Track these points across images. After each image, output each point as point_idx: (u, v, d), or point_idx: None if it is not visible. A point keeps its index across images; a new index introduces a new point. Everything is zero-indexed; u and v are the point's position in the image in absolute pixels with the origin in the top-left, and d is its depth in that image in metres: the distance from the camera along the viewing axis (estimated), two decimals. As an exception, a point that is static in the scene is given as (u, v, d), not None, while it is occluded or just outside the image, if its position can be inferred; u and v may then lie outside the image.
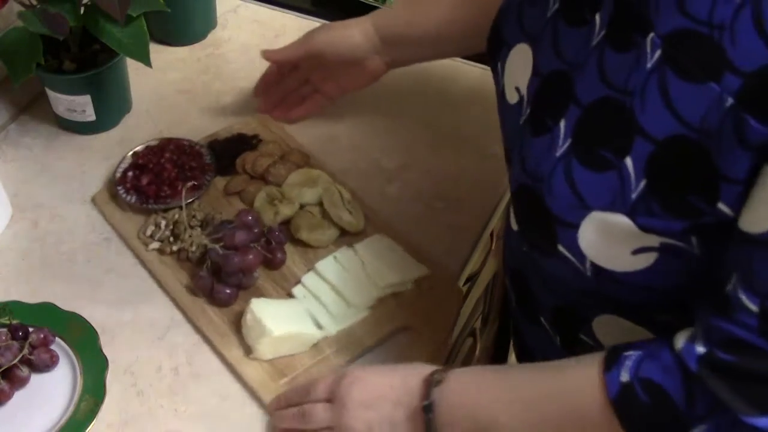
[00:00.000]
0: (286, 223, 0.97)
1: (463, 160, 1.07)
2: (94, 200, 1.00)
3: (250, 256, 0.88)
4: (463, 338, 1.06)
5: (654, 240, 0.60)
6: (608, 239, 0.62)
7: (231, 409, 0.82)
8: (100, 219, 0.99)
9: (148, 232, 0.94)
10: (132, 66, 1.07)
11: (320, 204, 0.98)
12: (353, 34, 1.00)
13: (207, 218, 0.95)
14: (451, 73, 1.17)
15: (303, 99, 1.07)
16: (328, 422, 0.76)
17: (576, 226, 0.63)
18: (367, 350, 0.87)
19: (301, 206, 0.98)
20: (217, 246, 0.88)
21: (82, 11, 0.98)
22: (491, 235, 1.05)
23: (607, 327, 0.71)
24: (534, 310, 0.81)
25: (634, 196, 0.59)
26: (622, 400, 0.60)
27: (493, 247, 1.09)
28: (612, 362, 0.62)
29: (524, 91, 0.72)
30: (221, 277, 0.88)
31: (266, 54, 1.05)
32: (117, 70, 1.07)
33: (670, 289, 0.63)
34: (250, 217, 0.92)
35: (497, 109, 0.79)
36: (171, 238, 0.93)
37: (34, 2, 0.96)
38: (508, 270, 0.86)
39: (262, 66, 1.18)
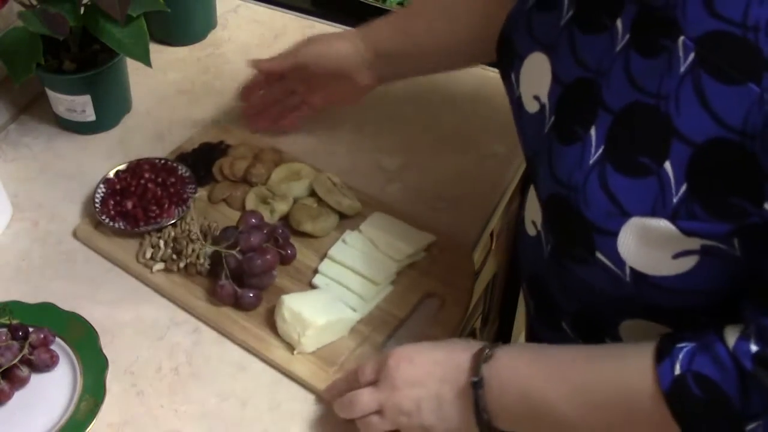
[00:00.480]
0: (284, 219, 0.97)
1: (463, 160, 1.06)
2: (75, 234, 0.97)
3: (269, 256, 0.88)
4: (464, 338, 1.06)
5: (695, 243, 0.60)
6: (649, 245, 0.62)
7: (231, 409, 0.82)
8: (100, 219, 0.99)
9: (148, 255, 0.92)
10: (132, 66, 1.07)
11: (311, 194, 0.99)
12: (342, 47, 0.99)
13: (203, 229, 0.94)
14: (451, 73, 1.17)
15: (288, 110, 1.07)
16: (376, 405, 0.75)
17: (615, 234, 0.63)
18: (401, 323, 0.89)
19: (294, 200, 0.98)
20: (234, 252, 0.88)
21: (82, 11, 0.98)
22: (491, 235, 1.05)
23: (635, 331, 0.71)
24: (555, 316, 0.80)
25: (675, 200, 0.59)
26: (674, 393, 0.60)
27: (493, 247, 1.09)
28: (664, 353, 0.62)
29: (545, 99, 0.71)
30: (243, 282, 0.88)
31: (253, 63, 1.05)
32: (117, 70, 1.07)
33: (709, 291, 0.63)
34: (253, 219, 0.92)
35: (513, 118, 0.79)
36: (174, 256, 0.92)
37: (34, 2, 0.96)
38: (524, 277, 0.85)
39: (262, 66, 1.19)
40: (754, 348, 0.58)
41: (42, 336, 0.83)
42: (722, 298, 0.63)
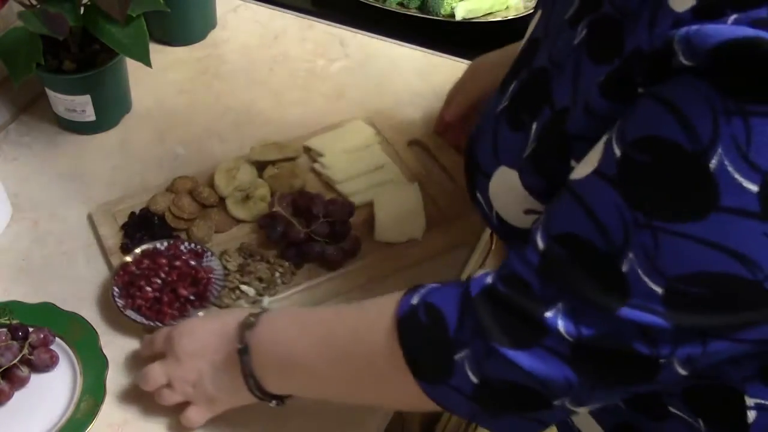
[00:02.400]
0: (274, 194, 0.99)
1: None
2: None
3: (345, 202, 0.97)
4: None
5: (539, 206, 0.65)
6: (507, 194, 0.68)
7: (231, 409, 0.82)
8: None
9: (246, 304, 0.90)
10: (132, 66, 1.07)
11: (261, 168, 1.02)
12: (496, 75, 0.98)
13: (245, 252, 0.93)
14: (451, 74, 1.17)
15: None
16: (165, 378, 0.79)
17: (489, 177, 0.69)
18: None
19: (262, 180, 1.01)
20: (322, 220, 0.93)
21: (82, 11, 0.98)
22: (491, 235, 1.05)
23: None
24: None
25: (525, 155, 0.65)
26: (405, 320, 0.64)
27: (493, 247, 1.09)
28: (411, 290, 0.66)
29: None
30: (338, 238, 0.93)
31: (443, 118, 1.05)
32: (117, 70, 1.07)
33: None
34: (285, 203, 0.94)
35: None
36: (263, 284, 0.91)
37: (34, 2, 0.97)
38: None
39: (263, 66, 1.19)
40: (488, 281, 0.60)
41: (42, 336, 0.83)
42: None
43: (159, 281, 0.88)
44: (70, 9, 0.96)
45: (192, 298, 0.88)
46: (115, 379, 0.84)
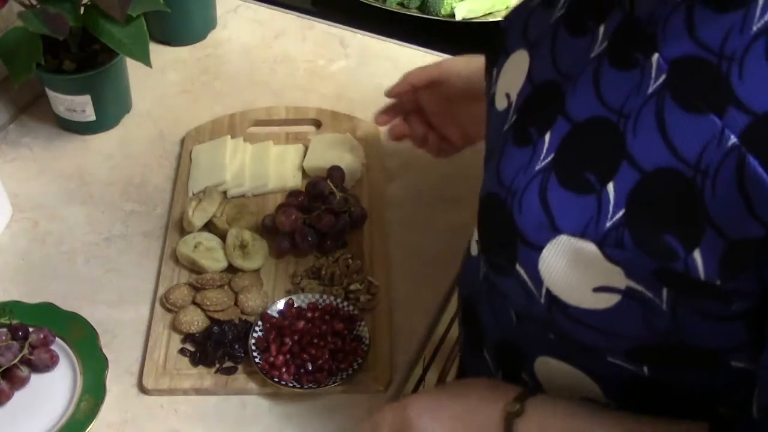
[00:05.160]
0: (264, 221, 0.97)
1: (463, 160, 1.06)
2: None
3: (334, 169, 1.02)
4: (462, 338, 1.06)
5: (620, 281, 0.56)
6: (570, 268, 0.58)
7: (231, 409, 0.83)
8: (100, 219, 0.99)
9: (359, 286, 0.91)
10: (132, 66, 1.07)
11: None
12: (480, 66, 0.86)
13: (309, 274, 0.93)
14: (451, 73, 1.17)
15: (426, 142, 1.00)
16: None
17: (539, 248, 0.59)
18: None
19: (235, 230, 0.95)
20: (340, 193, 0.97)
21: (82, 11, 0.98)
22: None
23: (548, 369, 0.68)
24: (479, 342, 0.77)
25: (608, 224, 0.56)
26: None
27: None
28: None
29: (514, 97, 0.68)
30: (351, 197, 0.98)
31: (394, 89, 0.96)
32: (117, 70, 1.07)
33: (623, 336, 0.60)
34: (292, 215, 0.94)
35: (486, 115, 0.76)
36: (354, 273, 0.92)
37: (34, 2, 0.97)
38: (460, 299, 0.82)
39: (263, 66, 1.19)
40: None
41: (42, 336, 0.83)
42: (640, 346, 0.60)
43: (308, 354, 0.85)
44: (70, 9, 0.96)
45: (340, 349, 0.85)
46: (115, 379, 0.84)
